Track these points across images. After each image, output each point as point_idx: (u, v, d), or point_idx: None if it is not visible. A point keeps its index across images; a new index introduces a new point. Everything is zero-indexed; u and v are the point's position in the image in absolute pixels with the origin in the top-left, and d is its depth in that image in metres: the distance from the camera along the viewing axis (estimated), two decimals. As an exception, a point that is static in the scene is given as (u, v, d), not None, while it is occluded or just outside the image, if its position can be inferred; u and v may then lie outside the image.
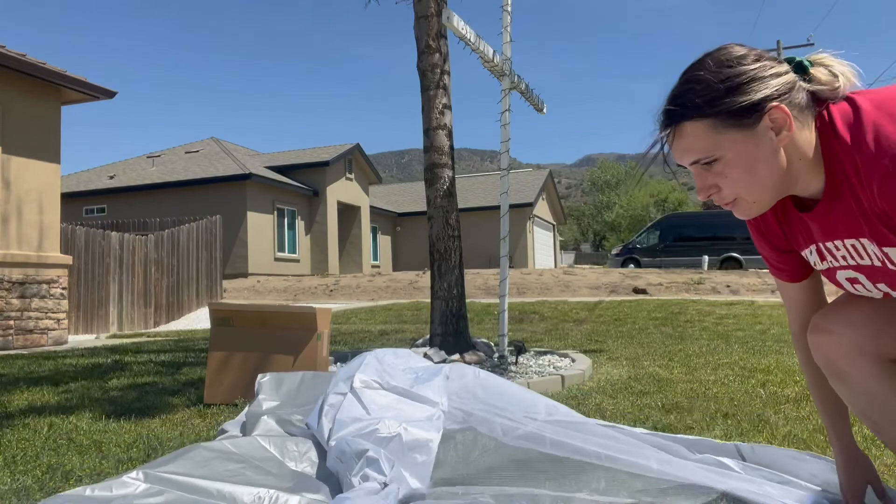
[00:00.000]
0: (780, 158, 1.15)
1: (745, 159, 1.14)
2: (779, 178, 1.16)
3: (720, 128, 1.13)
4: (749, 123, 1.12)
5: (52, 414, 3.24)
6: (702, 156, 1.16)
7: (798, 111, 1.15)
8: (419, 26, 4.95)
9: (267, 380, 2.60)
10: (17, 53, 7.92)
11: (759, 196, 1.18)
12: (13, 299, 7.98)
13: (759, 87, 1.12)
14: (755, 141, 1.13)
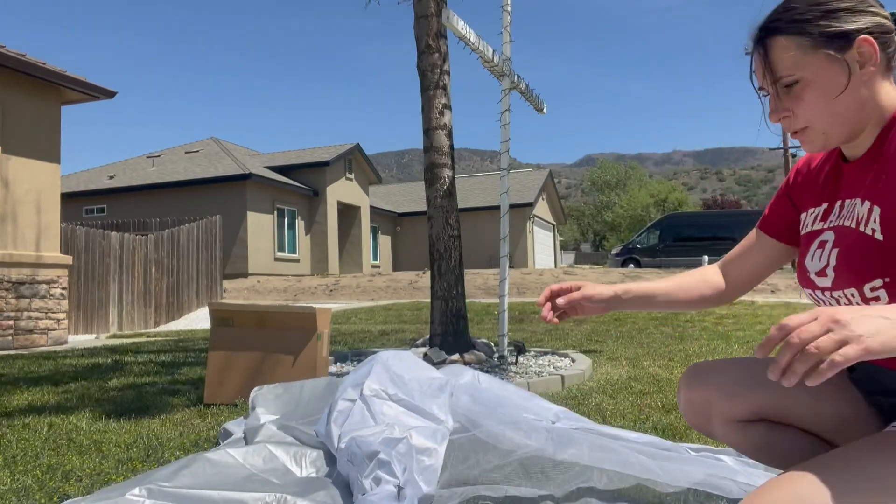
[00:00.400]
0: (859, 94, 1.16)
1: (825, 84, 1.15)
2: (853, 113, 1.17)
3: (809, 48, 1.15)
4: (838, 49, 1.14)
5: (52, 414, 3.24)
6: (782, 72, 1.17)
7: (886, 57, 1.16)
8: (419, 26, 4.95)
9: (263, 393, 2.59)
10: (16, 53, 7.91)
11: (830, 127, 1.18)
12: (13, 299, 7.98)
13: (855, 18, 1.14)
14: (840, 68, 1.14)
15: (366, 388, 2.07)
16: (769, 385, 1.32)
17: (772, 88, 1.20)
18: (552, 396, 3.44)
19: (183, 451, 2.44)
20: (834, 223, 1.25)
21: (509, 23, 4.76)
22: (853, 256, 1.17)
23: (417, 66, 4.97)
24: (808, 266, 1.29)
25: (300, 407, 2.49)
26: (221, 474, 1.76)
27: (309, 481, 1.78)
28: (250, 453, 1.92)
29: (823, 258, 1.24)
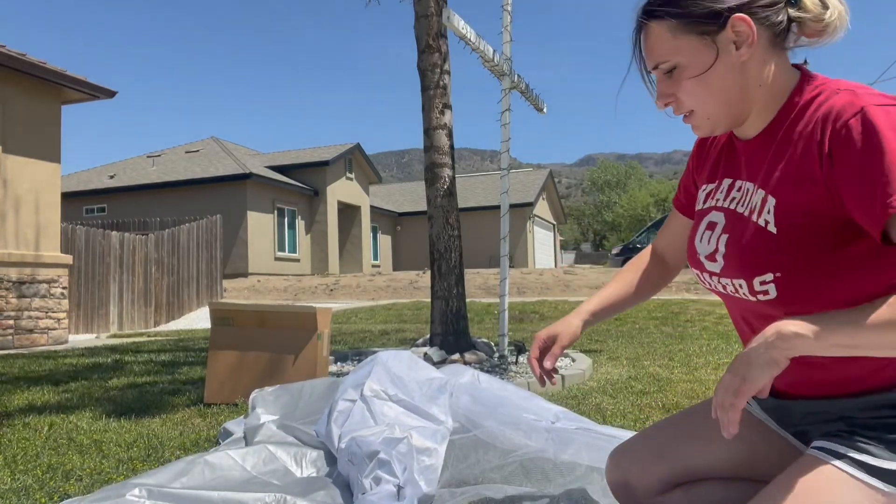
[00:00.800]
0: (738, 75, 1.10)
1: (700, 68, 1.10)
2: (735, 96, 1.11)
3: (680, 32, 1.09)
4: (710, 31, 1.08)
5: (52, 413, 3.24)
6: (660, 60, 1.12)
7: (771, 32, 1.09)
8: (419, 26, 4.95)
9: (262, 394, 2.59)
10: (17, 53, 7.92)
11: (714, 111, 1.13)
12: (13, 299, 7.98)
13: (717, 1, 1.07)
14: (714, 50, 1.09)
15: (366, 388, 2.07)
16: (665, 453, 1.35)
17: (656, 73, 1.15)
18: (552, 396, 3.44)
19: (183, 451, 2.44)
20: (725, 204, 1.21)
21: (509, 22, 4.76)
22: (744, 248, 1.13)
23: (418, 66, 4.97)
24: (698, 247, 1.25)
25: (300, 407, 2.49)
26: (221, 477, 1.76)
27: (309, 481, 1.78)
28: (250, 454, 1.92)
29: (713, 242, 1.20)
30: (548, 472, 1.80)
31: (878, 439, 1.07)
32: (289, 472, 1.90)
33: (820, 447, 1.10)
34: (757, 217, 1.12)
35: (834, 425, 1.14)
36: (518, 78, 4.91)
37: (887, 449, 1.05)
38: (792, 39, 1.12)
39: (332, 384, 2.65)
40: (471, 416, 1.97)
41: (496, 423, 2.04)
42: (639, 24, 1.15)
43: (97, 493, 1.67)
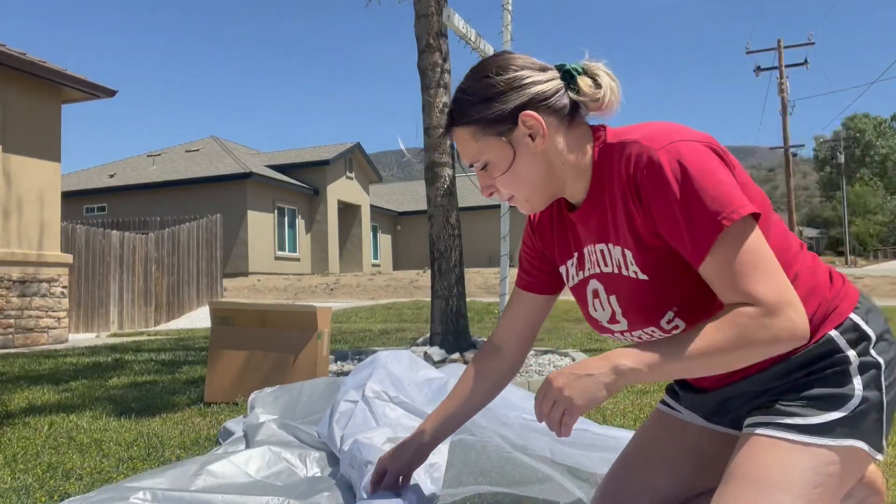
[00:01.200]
0: (541, 162, 1.21)
1: (506, 163, 1.21)
2: (543, 179, 1.22)
3: (481, 134, 1.20)
4: (505, 130, 1.19)
5: (52, 413, 3.24)
6: (471, 160, 1.24)
7: (559, 117, 1.20)
8: (419, 25, 4.94)
9: (262, 395, 2.59)
10: (17, 52, 7.91)
11: (530, 195, 1.24)
12: (13, 298, 7.98)
13: (513, 96, 1.18)
14: (514, 146, 1.20)
15: (368, 389, 2.07)
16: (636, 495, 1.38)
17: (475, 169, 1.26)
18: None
19: (183, 450, 2.44)
20: (595, 270, 1.29)
21: (510, 21, 4.76)
22: (634, 301, 1.22)
23: (418, 65, 4.97)
24: (596, 316, 1.33)
25: (300, 407, 2.49)
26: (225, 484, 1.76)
27: (313, 482, 1.78)
28: (253, 458, 1.91)
29: (606, 307, 1.28)
30: (547, 472, 1.80)
31: (799, 399, 1.15)
32: (293, 472, 1.90)
33: (750, 424, 1.17)
34: (626, 271, 1.21)
35: (757, 401, 1.21)
36: (518, 77, 4.92)
37: (809, 405, 1.13)
38: (584, 113, 1.24)
39: (331, 384, 2.64)
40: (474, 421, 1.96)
41: (496, 423, 2.04)
42: (446, 131, 1.26)
43: (99, 494, 1.67)
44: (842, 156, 48.41)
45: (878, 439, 1.15)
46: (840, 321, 1.18)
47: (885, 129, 70.85)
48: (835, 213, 63.44)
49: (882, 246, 61.44)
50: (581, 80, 1.21)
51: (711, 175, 1.07)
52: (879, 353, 1.17)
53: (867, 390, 1.14)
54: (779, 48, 26.14)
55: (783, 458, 1.10)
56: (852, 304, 1.20)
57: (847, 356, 1.16)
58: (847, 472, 1.13)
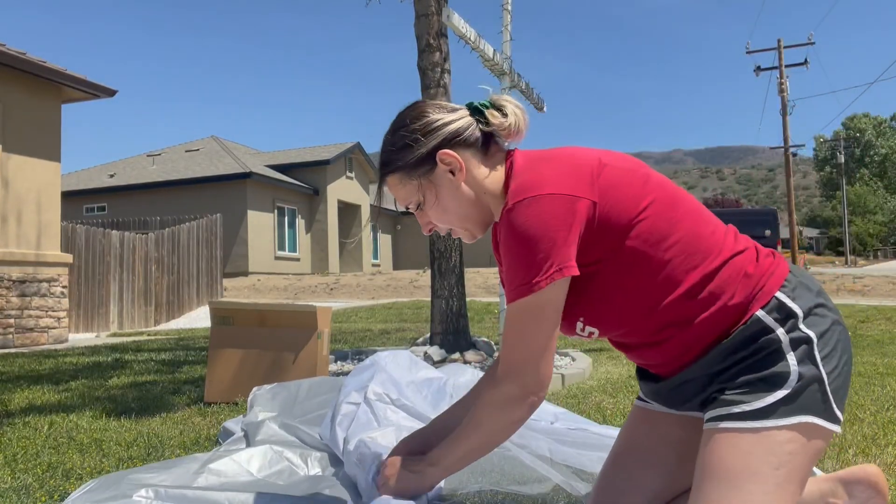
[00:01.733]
0: (464, 193, 1.33)
1: (434, 199, 1.34)
2: (470, 208, 1.34)
3: (408, 178, 1.34)
4: (427, 170, 1.33)
5: (52, 412, 3.25)
6: (405, 203, 1.37)
7: (474, 149, 1.34)
8: (419, 25, 4.94)
9: (261, 392, 2.59)
10: (17, 51, 7.91)
11: (464, 224, 1.36)
12: (13, 298, 7.98)
13: (429, 139, 1.32)
14: (438, 182, 1.33)
15: (370, 391, 2.06)
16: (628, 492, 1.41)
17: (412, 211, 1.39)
18: (552, 396, 3.45)
19: (183, 450, 2.44)
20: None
21: (509, 21, 4.76)
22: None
23: (418, 65, 4.97)
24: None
25: (298, 404, 2.49)
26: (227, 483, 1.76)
27: (314, 480, 1.78)
28: (255, 457, 1.91)
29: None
30: (546, 472, 1.80)
31: (742, 386, 1.19)
32: (294, 471, 1.90)
33: (708, 419, 1.21)
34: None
35: (709, 389, 1.25)
36: (518, 77, 4.91)
37: (751, 391, 1.17)
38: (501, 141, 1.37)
39: (330, 382, 2.64)
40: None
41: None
42: (379, 180, 1.40)
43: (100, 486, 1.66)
44: (841, 156, 48.39)
45: (829, 411, 1.17)
46: (766, 300, 1.22)
47: (885, 128, 70.84)
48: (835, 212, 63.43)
49: (882, 246, 61.44)
50: (489, 112, 1.34)
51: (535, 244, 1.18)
52: (810, 326, 1.20)
53: (802, 366, 1.17)
54: (779, 48, 26.13)
55: (739, 448, 1.14)
56: (779, 282, 1.24)
57: (776, 336, 1.19)
58: (807, 448, 1.15)
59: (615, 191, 1.23)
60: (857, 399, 3.18)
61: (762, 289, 1.23)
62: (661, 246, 1.23)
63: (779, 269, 1.26)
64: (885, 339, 5.91)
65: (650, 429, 1.44)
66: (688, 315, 1.23)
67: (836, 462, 2.09)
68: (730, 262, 1.24)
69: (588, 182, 1.23)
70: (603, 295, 1.25)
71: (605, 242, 1.22)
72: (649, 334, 1.27)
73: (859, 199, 61.89)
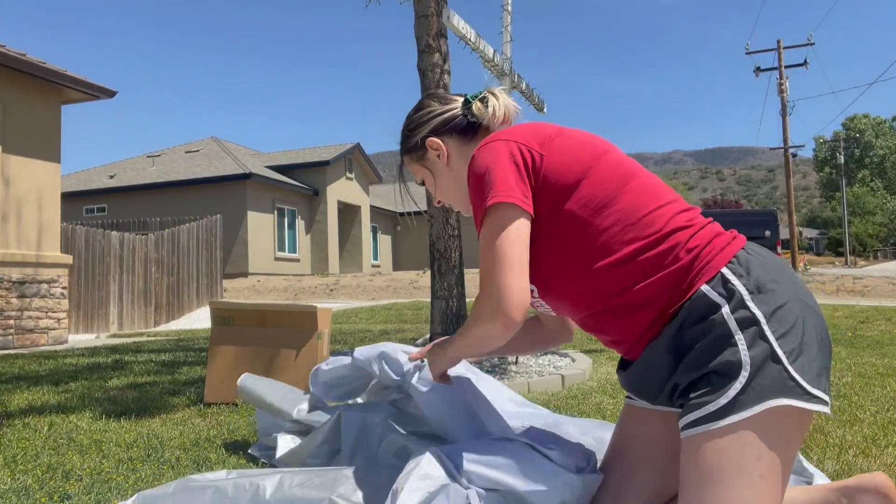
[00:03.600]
0: (452, 173, 1.52)
1: (431, 181, 1.55)
2: (459, 189, 1.52)
3: (411, 160, 1.58)
4: (422, 154, 1.54)
5: (52, 413, 3.24)
6: (417, 180, 1.60)
7: (460, 137, 1.51)
8: (419, 26, 4.94)
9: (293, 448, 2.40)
10: (17, 53, 7.91)
11: (460, 204, 1.55)
12: (13, 299, 7.98)
13: (420, 129, 1.53)
14: (431, 164, 1.54)
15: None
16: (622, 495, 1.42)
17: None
18: (553, 397, 3.45)
19: (183, 451, 2.44)
20: None
21: (510, 22, 4.76)
22: None
23: (418, 66, 4.97)
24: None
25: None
26: None
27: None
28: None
29: None
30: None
31: (701, 383, 1.19)
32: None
33: (682, 428, 1.20)
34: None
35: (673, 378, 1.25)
36: (518, 78, 4.91)
37: (713, 389, 1.17)
38: (491, 128, 1.53)
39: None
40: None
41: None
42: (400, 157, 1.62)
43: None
44: (841, 156, 48.41)
45: (797, 388, 1.14)
46: (711, 275, 1.22)
47: (885, 129, 70.85)
48: (834, 213, 63.45)
49: (882, 246, 61.44)
50: (474, 104, 1.52)
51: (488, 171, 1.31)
52: (759, 304, 1.19)
53: (753, 349, 1.16)
54: (778, 49, 26.14)
55: (716, 448, 1.14)
56: (726, 258, 1.24)
57: (722, 314, 1.18)
58: (783, 431, 1.14)
59: (563, 154, 1.33)
60: (857, 400, 3.18)
61: (708, 263, 1.23)
62: (601, 214, 1.28)
63: (730, 247, 1.26)
64: (884, 340, 5.90)
65: (638, 429, 1.46)
66: (625, 283, 1.26)
67: (836, 462, 2.08)
68: (672, 235, 1.27)
69: (539, 140, 1.35)
70: (545, 256, 1.33)
71: (547, 201, 1.31)
72: (596, 302, 1.31)
73: (858, 200, 61.92)
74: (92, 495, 1.93)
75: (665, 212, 1.30)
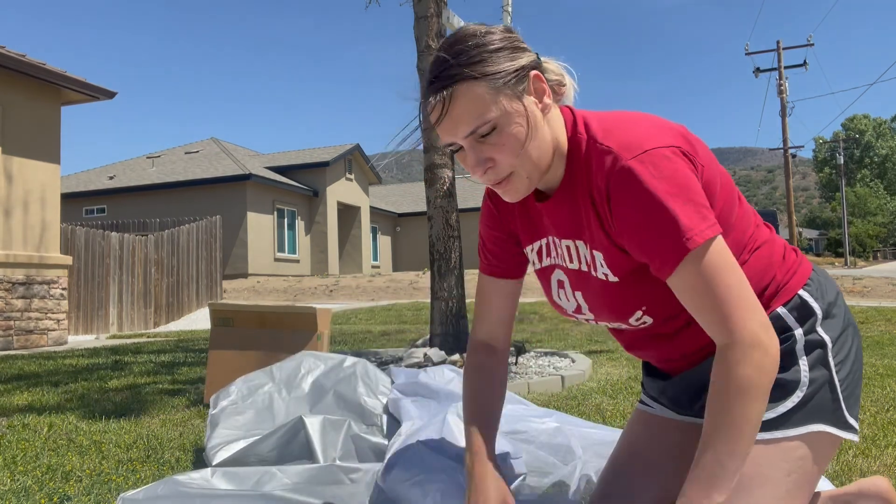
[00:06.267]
0: (543, 131, 1.12)
1: (518, 126, 1.09)
2: (545, 151, 1.13)
3: (494, 91, 1.07)
4: (519, 89, 1.09)
5: (51, 414, 3.24)
6: (479, 122, 1.08)
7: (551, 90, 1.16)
8: (419, 27, 4.94)
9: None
10: (16, 54, 7.92)
11: (531, 169, 1.12)
12: (13, 300, 7.98)
13: (521, 55, 1.11)
14: (525, 108, 1.09)
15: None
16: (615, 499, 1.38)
17: (465, 143, 1.11)
18: (552, 398, 3.45)
19: (183, 452, 2.44)
20: (559, 262, 1.27)
21: (510, 23, 4.77)
22: (603, 301, 1.21)
23: (417, 67, 4.97)
24: (560, 304, 1.32)
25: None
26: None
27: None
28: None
29: (571, 299, 1.28)
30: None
31: None
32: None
33: None
34: (595, 272, 1.19)
35: None
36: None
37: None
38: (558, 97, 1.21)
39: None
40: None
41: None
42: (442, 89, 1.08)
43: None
44: (840, 157, 48.42)
45: (840, 418, 1.15)
46: (788, 297, 1.18)
47: (885, 130, 70.91)
48: (834, 214, 63.49)
49: (882, 247, 61.48)
50: (546, 62, 1.18)
51: (678, 194, 1.03)
52: (827, 329, 1.17)
53: (814, 371, 1.14)
54: (778, 49, 26.16)
55: (752, 456, 1.11)
56: (802, 280, 1.20)
57: (794, 336, 1.15)
58: (817, 454, 1.14)
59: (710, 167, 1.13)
60: (857, 400, 3.17)
61: (786, 285, 1.19)
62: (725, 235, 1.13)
63: (803, 268, 1.22)
64: (884, 341, 5.91)
65: (651, 437, 1.41)
66: None
67: (836, 462, 2.08)
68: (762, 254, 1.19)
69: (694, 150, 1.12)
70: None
71: None
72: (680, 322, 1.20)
73: (860, 201, 61.95)
74: (92, 496, 1.93)
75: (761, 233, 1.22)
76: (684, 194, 1.04)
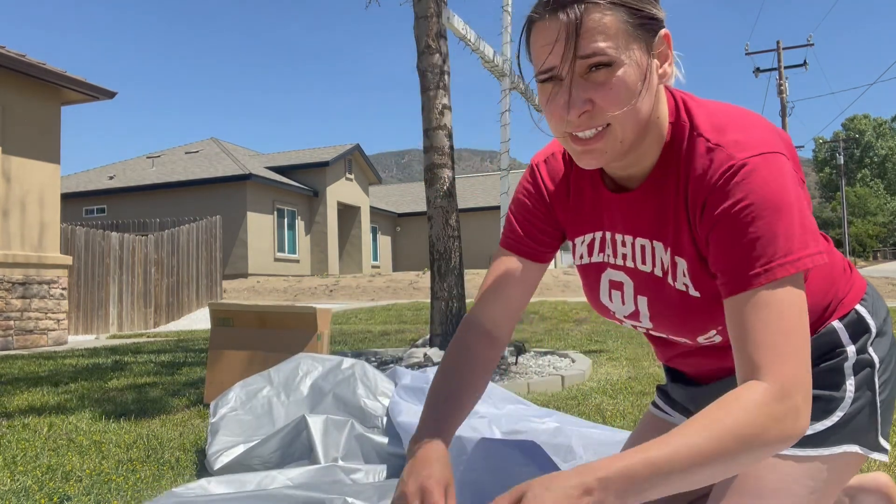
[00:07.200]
0: (652, 97, 0.97)
1: (636, 75, 0.93)
2: (644, 119, 0.96)
3: (629, 27, 0.92)
4: (649, 38, 0.94)
5: (51, 414, 3.24)
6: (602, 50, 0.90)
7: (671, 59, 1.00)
8: (419, 27, 4.94)
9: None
10: (16, 54, 7.92)
11: (630, 132, 0.96)
12: (13, 299, 7.97)
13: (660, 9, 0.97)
14: (646, 60, 0.94)
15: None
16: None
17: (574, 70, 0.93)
18: (552, 397, 3.45)
19: (183, 452, 2.44)
20: (620, 262, 1.14)
21: (510, 23, 4.77)
22: (676, 314, 1.09)
23: (417, 67, 4.97)
24: (610, 307, 1.18)
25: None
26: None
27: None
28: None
29: (628, 303, 1.15)
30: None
31: None
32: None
33: None
34: (673, 280, 1.07)
35: None
36: (518, 78, 4.92)
37: None
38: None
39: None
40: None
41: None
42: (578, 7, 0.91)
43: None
44: (840, 157, 48.44)
45: (873, 438, 1.12)
46: (845, 312, 1.13)
47: (885, 130, 70.92)
48: (834, 213, 63.50)
49: (882, 247, 61.50)
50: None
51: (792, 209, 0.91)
52: (876, 349, 1.14)
53: (859, 391, 1.10)
54: (778, 49, 26.16)
55: (779, 470, 1.07)
56: (859, 295, 1.15)
57: (845, 350, 1.11)
58: (842, 473, 1.11)
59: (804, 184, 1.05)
60: (857, 400, 3.17)
61: (843, 300, 1.14)
62: None
63: (859, 282, 1.18)
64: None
65: None
66: None
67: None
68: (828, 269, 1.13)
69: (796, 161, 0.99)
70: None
71: None
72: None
73: (860, 201, 61.97)
74: (92, 496, 1.93)
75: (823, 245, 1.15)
76: (800, 211, 0.91)
